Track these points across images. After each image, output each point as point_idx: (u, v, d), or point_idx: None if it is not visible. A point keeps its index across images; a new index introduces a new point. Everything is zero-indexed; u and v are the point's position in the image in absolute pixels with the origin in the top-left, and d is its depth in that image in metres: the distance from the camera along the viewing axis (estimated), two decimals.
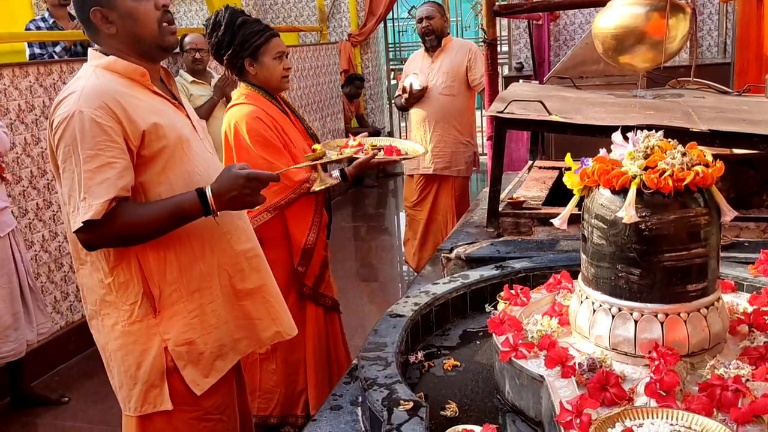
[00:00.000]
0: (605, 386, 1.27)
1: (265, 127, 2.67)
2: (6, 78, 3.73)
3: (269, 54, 2.71)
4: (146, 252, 1.77)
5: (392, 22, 9.12)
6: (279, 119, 2.74)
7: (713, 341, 1.39)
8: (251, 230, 2.03)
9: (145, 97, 1.76)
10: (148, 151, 1.72)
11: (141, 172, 1.73)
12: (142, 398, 1.81)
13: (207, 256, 1.85)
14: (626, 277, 1.38)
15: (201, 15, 9.12)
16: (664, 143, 1.41)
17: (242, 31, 2.69)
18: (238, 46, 2.70)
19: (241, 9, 2.82)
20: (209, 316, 1.86)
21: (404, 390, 1.40)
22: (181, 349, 1.81)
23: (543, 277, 1.95)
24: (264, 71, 2.73)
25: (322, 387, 2.89)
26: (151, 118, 1.72)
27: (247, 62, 2.72)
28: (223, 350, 1.90)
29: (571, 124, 2.30)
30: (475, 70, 4.40)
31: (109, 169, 1.64)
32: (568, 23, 8.20)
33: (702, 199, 1.36)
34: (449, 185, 4.57)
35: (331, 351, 2.96)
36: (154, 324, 1.79)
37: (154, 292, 1.79)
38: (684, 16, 2.47)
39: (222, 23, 2.71)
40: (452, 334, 1.88)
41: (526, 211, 2.68)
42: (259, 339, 2.00)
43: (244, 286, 1.95)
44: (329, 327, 2.95)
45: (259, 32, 2.70)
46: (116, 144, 1.65)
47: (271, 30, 2.75)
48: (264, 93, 2.77)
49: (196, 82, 4.78)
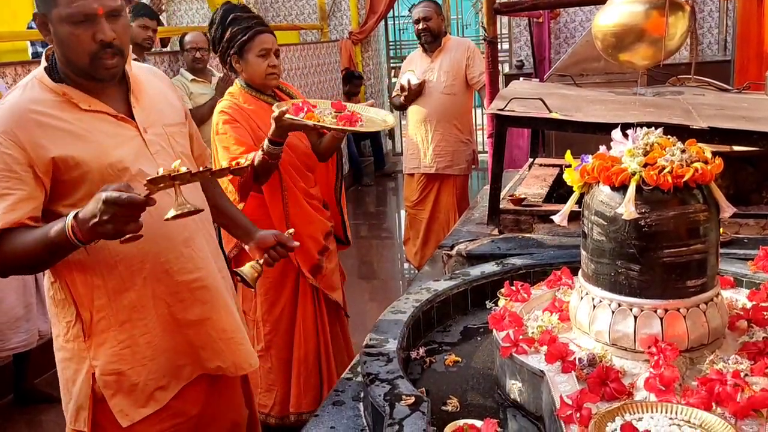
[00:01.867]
0: (605, 381, 1.28)
1: (230, 120, 2.65)
2: (9, 76, 3.74)
3: (253, 51, 2.67)
4: (73, 275, 1.68)
5: (393, 20, 9.13)
6: (258, 115, 2.69)
7: (712, 336, 1.40)
8: (204, 258, 1.83)
9: (70, 117, 1.63)
10: (67, 177, 1.61)
11: (63, 196, 1.63)
12: (74, 415, 1.76)
13: (138, 285, 1.71)
14: (626, 273, 1.39)
15: (201, 13, 9.13)
16: (664, 140, 1.42)
17: (231, 28, 2.68)
18: (226, 43, 2.70)
19: (242, 4, 2.81)
20: (143, 347, 1.74)
21: (406, 385, 1.41)
22: (108, 378, 1.71)
23: (543, 273, 1.96)
24: (248, 68, 2.71)
25: (308, 387, 2.88)
26: (66, 144, 1.60)
27: (234, 59, 2.71)
28: (163, 380, 1.77)
29: (571, 121, 2.31)
30: (473, 69, 4.41)
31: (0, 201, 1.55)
32: (569, 21, 8.21)
33: (701, 195, 1.37)
34: (450, 184, 4.58)
35: (325, 353, 2.92)
36: (84, 348, 1.71)
37: (84, 315, 1.70)
38: (683, 13, 2.49)
39: (216, 20, 2.72)
40: (453, 331, 1.89)
41: (527, 208, 2.69)
42: (204, 366, 1.85)
43: (185, 317, 1.80)
44: (330, 327, 2.92)
45: (245, 29, 2.67)
46: (14, 173, 1.55)
47: (259, 27, 2.70)
48: (251, 89, 2.76)
49: (196, 81, 4.79)
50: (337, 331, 3.02)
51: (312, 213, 2.81)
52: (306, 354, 2.87)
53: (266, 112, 2.66)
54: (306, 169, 2.81)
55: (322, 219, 2.86)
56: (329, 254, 2.91)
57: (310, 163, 2.83)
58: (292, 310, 2.86)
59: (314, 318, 2.88)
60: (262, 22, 2.75)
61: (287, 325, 2.86)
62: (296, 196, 2.75)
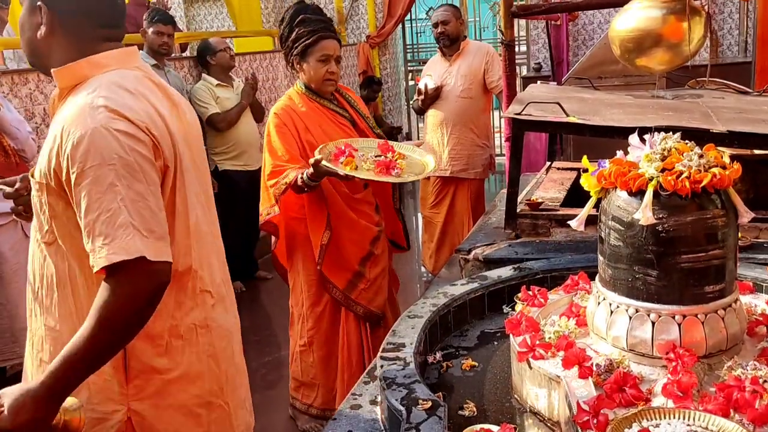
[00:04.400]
0: (622, 387, 1.28)
1: (280, 125, 2.72)
2: (6, 86, 3.72)
3: (315, 55, 2.72)
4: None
5: (410, 23, 9.13)
6: (310, 118, 2.74)
7: (731, 342, 1.39)
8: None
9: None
10: None
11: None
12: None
13: None
14: (643, 279, 1.39)
15: (220, 18, 9.19)
16: (681, 145, 1.41)
17: (298, 29, 2.73)
18: (291, 43, 2.75)
19: (314, 5, 2.84)
20: None
21: (423, 390, 1.42)
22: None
23: (561, 278, 1.95)
24: (308, 71, 2.76)
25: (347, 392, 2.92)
26: None
27: (296, 60, 2.77)
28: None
29: (589, 125, 2.30)
30: (492, 73, 4.41)
31: None
32: (587, 23, 8.16)
33: (719, 200, 1.37)
34: (465, 187, 4.58)
35: (367, 363, 2.95)
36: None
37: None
38: (700, 18, 2.47)
39: (285, 18, 2.77)
40: (470, 335, 1.89)
41: (544, 212, 2.68)
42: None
43: None
44: (365, 337, 2.93)
45: (310, 32, 2.71)
46: None
47: (324, 32, 2.73)
48: (309, 92, 2.81)
49: (221, 86, 4.85)
50: (380, 335, 3.04)
51: (354, 218, 2.84)
52: (350, 357, 2.91)
53: (319, 115, 2.76)
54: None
55: (367, 225, 2.88)
56: (375, 259, 2.92)
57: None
58: (336, 310, 2.91)
59: (357, 322, 2.92)
60: (329, 26, 2.78)
61: (329, 324, 2.92)
62: (337, 201, 2.79)
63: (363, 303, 2.89)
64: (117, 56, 1.54)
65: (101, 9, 1.54)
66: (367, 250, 2.87)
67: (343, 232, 2.80)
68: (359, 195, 2.87)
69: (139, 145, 1.41)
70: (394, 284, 3.14)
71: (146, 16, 4.51)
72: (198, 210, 1.60)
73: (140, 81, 1.54)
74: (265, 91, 5.86)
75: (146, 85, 1.54)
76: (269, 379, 3.79)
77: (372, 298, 2.91)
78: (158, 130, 1.47)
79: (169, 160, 1.49)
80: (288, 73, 6.41)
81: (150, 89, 1.55)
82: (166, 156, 1.48)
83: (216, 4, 9.20)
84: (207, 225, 1.65)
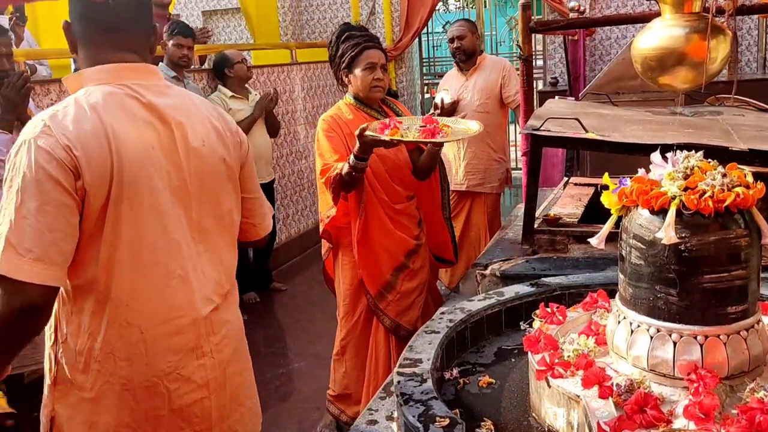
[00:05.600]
0: (643, 408, 1.26)
1: (327, 130, 2.81)
2: (53, 93, 3.84)
3: (360, 65, 2.81)
4: None
5: (427, 37, 9.16)
6: (356, 126, 2.74)
7: (753, 364, 1.38)
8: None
9: None
10: None
11: None
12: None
13: None
14: (665, 298, 1.37)
15: (239, 30, 9.27)
16: (704, 164, 1.40)
17: (343, 45, 2.83)
18: (338, 59, 2.85)
19: (359, 24, 2.96)
20: None
21: (440, 406, 1.41)
22: None
23: (579, 295, 1.94)
24: (355, 81, 2.84)
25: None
26: None
27: (344, 73, 2.86)
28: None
29: (609, 142, 2.30)
30: (509, 88, 4.41)
31: None
32: (604, 38, 8.14)
33: (742, 220, 1.36)
34: (482, 202, 4.57)
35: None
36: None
37: None
38: (724, 37, 2.46)
39: (332, 39, 2.87)
40: (487, 351, 1.88)
41: (562, 228, 2.67)
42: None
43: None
44: (393, 349, 2.93)
45: (355, 45, 2.80)
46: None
47: (368, 42, 2.82)
48: (357, 102, 2.88)
49: (235, 97, 4.88)
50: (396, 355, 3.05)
51: (390, 228, 2.86)
52: (377, 368, 2.92)
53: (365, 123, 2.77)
54: (394, 182, 2.87)
55: (404, 237, 2.90)
56: (410, 273, 2.92)
57: (401, 176, 2.89)
58: (368, 320, 2.93)
59: (386, 334, 2.92)
60: (373, 38, 2.87)
61: (361, 334, 2.95)
62: (375, 207, 2.83)
63: (391, 315, 2.89)
64: (107, 71, 1.52)
65: (94, 8, 1.52)
66: (400, 262, 2.89)
67: (378, 238, 2.83)
68: (400, 206, 2.89)
69: (50, 163, 1.38)
70: (437, 302, 3.08)
71: (166, 29, 4.55)
72: (161, 239, 1.51)
73: (113, 98, 1.49)
74: (282, 103, 5.88)
75: (118, 104, 1.49)
76: (282, 392, 3.78)
77: (402, 312, 2.90)
78: (87, 150, 1.41)
79: (99, 181, 1.42)
80: (305, 86, 6.45)
81: (123, 108, 1.49)
82: (95, 177, 1.42)
83: (234, 16, 9.28)
84: (184, 258, 1.55)
